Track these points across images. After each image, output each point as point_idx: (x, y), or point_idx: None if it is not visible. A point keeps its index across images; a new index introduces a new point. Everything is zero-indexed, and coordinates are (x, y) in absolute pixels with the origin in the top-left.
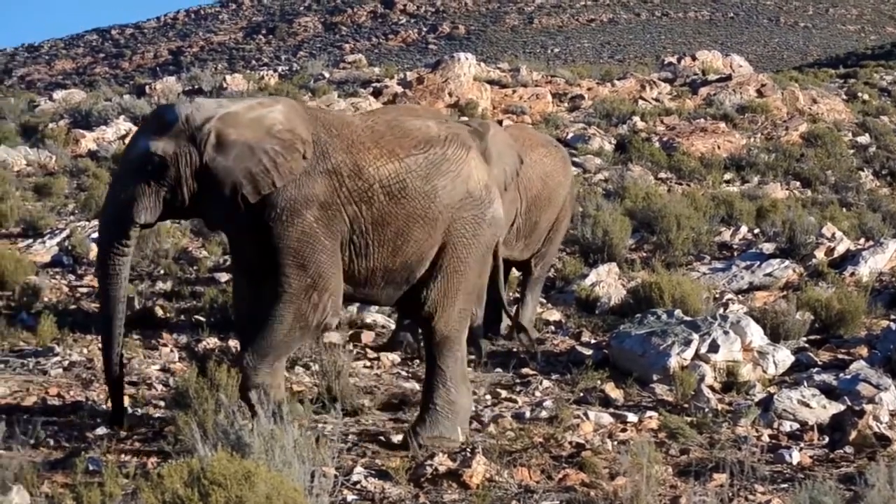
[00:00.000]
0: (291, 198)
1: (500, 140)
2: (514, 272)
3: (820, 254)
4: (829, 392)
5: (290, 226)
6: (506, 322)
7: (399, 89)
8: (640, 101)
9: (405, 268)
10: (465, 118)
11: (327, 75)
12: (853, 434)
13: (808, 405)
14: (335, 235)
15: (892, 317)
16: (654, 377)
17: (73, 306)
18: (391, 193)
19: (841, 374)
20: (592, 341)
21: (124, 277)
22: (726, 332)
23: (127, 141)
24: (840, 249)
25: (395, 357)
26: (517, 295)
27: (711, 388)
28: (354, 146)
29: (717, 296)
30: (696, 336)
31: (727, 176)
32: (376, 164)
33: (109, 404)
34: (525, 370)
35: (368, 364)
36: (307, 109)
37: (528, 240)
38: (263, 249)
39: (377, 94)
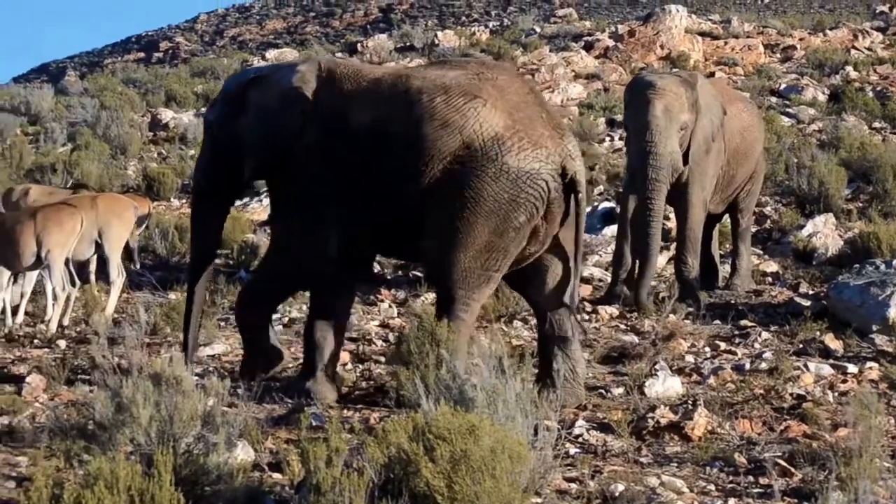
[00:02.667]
0: None
1: (708, 91)
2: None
3: None
4: None
5: None
6: (722, 274)
7: (610, 43)
8: (853, 51)
9: (399, 224)
10: (676, 70)
11: (538, 30)
12: None
13: None
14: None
15: None
16: (874, 328)
17: None
18: (377, 140)
19: None
20: (810, 292)
21: None
22: None
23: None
24: None
25: (612, 310)
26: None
27: None
28: (344, 94)
29: None
30: None
31: None
32: (361, 111)
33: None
34: (744, 322)
35: (586, 318)
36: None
37: (724, 193)
38: None
39: (588, 47)
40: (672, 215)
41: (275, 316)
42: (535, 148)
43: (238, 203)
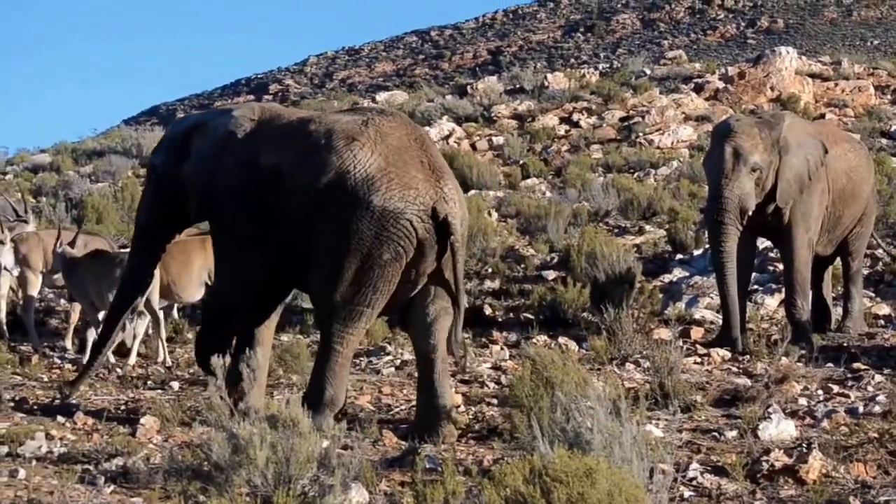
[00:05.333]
0: None
1: (801, 130)
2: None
3: None
4: None
5: None
6: (835, 317)
7: (720, 84)
8: None
9: (296, 259)
10: (768, 110)
11: (648, 72)
12: None
13: None
14: None
15: None
16: None
17: None
18: (274, 180)
19: None
20: None
21: None
22: None
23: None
24: None
25: (724, 353)
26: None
27: None
28: (260, 138)
29: None
30: None
31: None
32: (267, 154)
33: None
34: (856, 365)
35: (699, 360)
36: None
37: (832, 234)
38: None
39: (698, 89)
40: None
41: (386, 358)
42: (404, 189)
43: None
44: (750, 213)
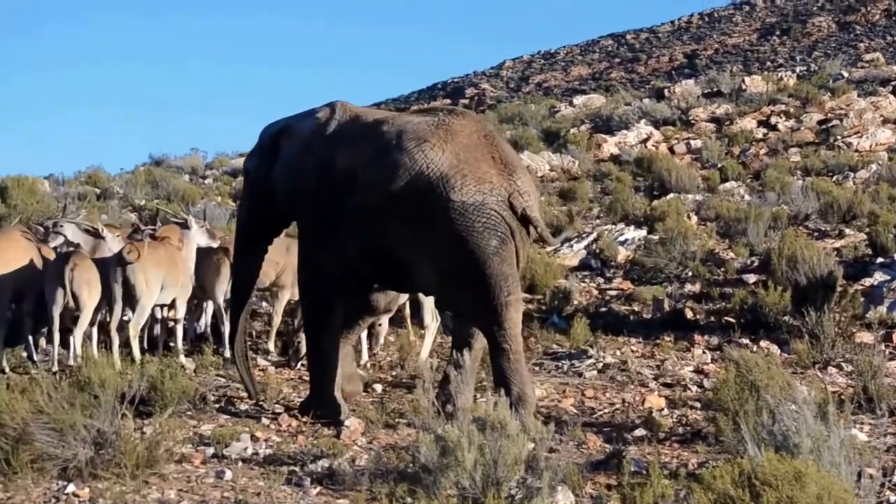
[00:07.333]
0: None
1: None
2: None
3: None
4: None
5: None
6: None
7: None
8: None
9: (373, 258)
10: None
11: (846, 75)
12: None
13: None
14: None
15: None
16: None
17: (603, 309)
18: (348, 180)
19: None
20: None
21: None
22: None
23: None
24: None
25: None
26: None
27: None
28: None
29: None
30: None
31: None
32: (342, 155)
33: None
34: None
35: None
36: None
37: None
38: None
39: None
40: None
41: (589, 361)
42: (479, 183)
43: (549, 249)
44: None
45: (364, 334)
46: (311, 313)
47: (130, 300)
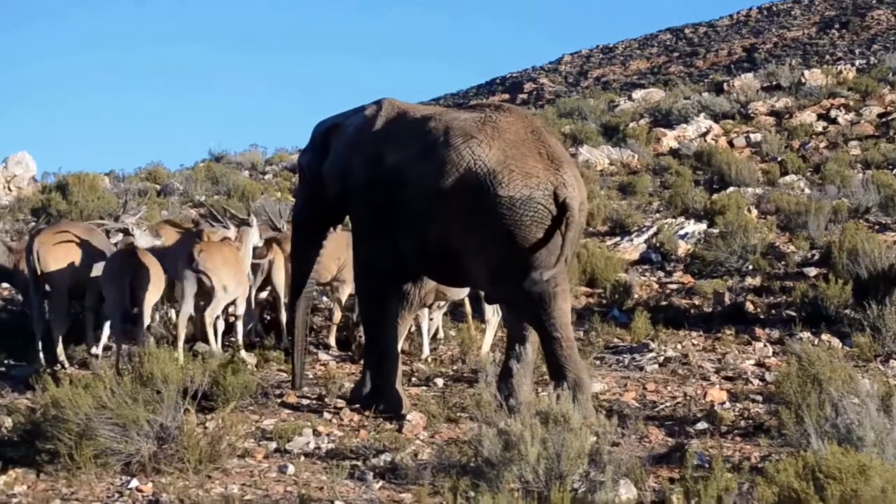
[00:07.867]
0: None
1: None
2: None
3: None
4: None
5: None
6: None
7: None
8: None
9: (421, 253)
10: None
11: None
12: None
13: None
14: None
15: None
16: None
17: (664, 302)
18: (396, 177)
19: None
20: None
21: None
22: None
23: None
24: None
25: None
26: None
27: None
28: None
29: None
30: None
31: None
32: (390, 152)
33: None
34: None
35: None
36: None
37: None
38: None
39: None
40: None
41: (650, 354)
42: (526, 178)
43: (609, 243)
44: None
45: (425, 329)
46: (367, 308)
47: (206, 298)
